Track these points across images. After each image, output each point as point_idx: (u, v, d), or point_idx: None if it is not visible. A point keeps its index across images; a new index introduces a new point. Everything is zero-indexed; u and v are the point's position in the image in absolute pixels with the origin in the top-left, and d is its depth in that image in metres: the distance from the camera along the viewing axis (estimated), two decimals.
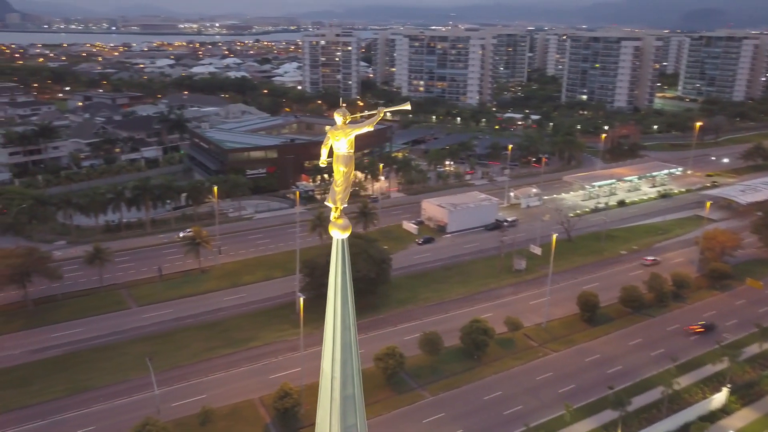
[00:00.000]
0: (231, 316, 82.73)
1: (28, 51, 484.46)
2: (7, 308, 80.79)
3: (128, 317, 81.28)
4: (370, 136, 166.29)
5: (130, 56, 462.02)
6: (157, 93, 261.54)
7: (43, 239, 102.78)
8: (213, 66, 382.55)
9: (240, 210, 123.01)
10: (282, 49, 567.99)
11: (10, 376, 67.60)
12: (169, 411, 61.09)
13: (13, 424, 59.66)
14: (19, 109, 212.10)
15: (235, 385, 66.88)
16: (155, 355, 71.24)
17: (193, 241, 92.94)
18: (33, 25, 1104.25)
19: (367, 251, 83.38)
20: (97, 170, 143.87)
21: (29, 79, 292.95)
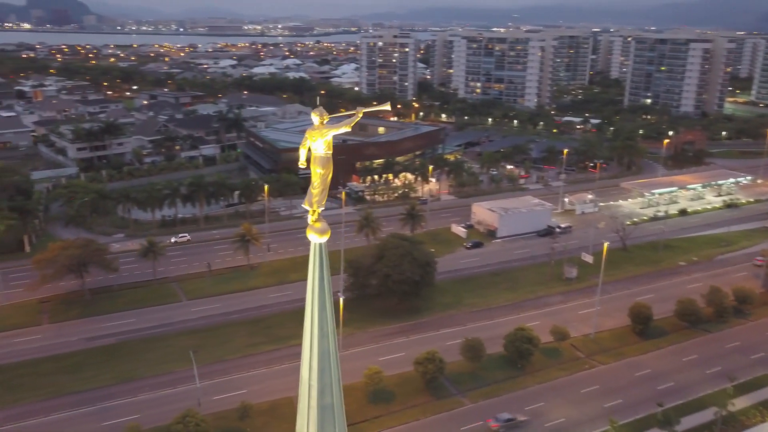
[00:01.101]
0: (275, 313, 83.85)
1: (101, 51, 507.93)
2: (66, 297, 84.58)
3: (177, 310, 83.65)
4: (422, 137, 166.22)
5: (195, 57, 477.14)
6: (218, 92, 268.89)
7: (103, 232, 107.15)
8: (273, 67, 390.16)
9: (291, 209, 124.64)
10: (341, 51, 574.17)
11: (66, 362, 70.69)
12: (210, 404, 62.35)
13: (65, 408, 62.31)
14: (90, 106, 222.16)
15: (275, 382, 67.61)
16: (200, 348, 72.94)
17: (243, 238, 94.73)
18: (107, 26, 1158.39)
19: (411, 253, 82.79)
20: (158, 167, 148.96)
21: (100, 78, 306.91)
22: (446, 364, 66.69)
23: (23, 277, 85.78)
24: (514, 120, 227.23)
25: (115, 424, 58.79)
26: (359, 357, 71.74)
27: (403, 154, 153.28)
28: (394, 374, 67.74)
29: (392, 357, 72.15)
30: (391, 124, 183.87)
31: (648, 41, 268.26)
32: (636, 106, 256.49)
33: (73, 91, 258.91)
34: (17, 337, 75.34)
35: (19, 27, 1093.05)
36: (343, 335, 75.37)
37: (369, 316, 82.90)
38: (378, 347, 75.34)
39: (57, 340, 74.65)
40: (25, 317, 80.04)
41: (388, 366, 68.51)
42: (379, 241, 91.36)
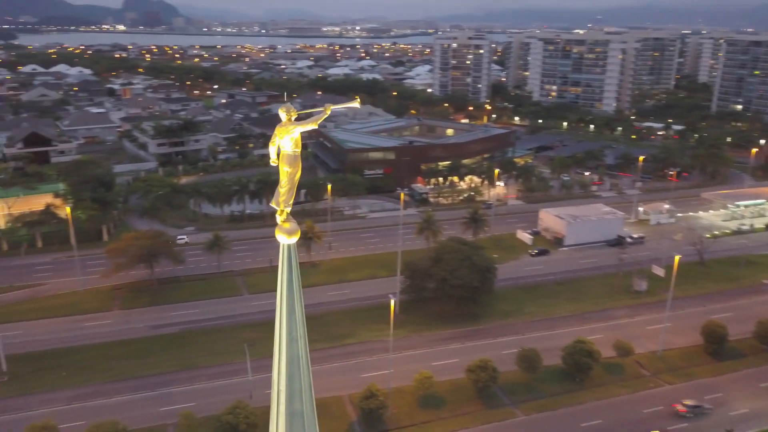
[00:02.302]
0: (332, 311, 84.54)
1: (187, 52, 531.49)
2: (136, 285, 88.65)
3: (239, 303, 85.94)
4: (491, 140, 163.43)
5: (274, 57, 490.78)
6: (293, 92, 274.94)
7: (175, 224, 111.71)
8: (349, 68, 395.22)
9: (355, 208, 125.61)
10: (417, 52, 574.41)
11: (132, 347, 74.03)
12: (262, 397, 63.30)
13: (127, 392, 65.25)
14: (172, 104, 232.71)
15: (327, 380, 68.03)
16: (257, 341, 74.42)
17: (305, 236, 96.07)
18: (194, 28, 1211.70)
19: (470, 258, 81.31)
20: (230, 163, 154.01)
21: (184, 77, 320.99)
22: (500, 374, 65.05)
23: (100, 264, 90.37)
24: (590, 125, 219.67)
25: (171, 410, 60.92)
26: (411, 360, 71.17)
27: (471, 156, 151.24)
28: (445, 380, 66.69)
29: (445, 362, 71.07)
30: (460, 126, 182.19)
31: (741, 44, 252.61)
32: (725, 112, 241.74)
33: (158, 90, 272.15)
34: (90, 321, 79.65)
35: (114, 29, 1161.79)
36: (396, 338, 74.88)
37: (424, 320, 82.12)
38: (431, 352, 74.44)
39: (125, 326, 78.37)
40: (99, 303, 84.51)
41: (441, 371, 67.56)
42: (437, 245, 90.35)
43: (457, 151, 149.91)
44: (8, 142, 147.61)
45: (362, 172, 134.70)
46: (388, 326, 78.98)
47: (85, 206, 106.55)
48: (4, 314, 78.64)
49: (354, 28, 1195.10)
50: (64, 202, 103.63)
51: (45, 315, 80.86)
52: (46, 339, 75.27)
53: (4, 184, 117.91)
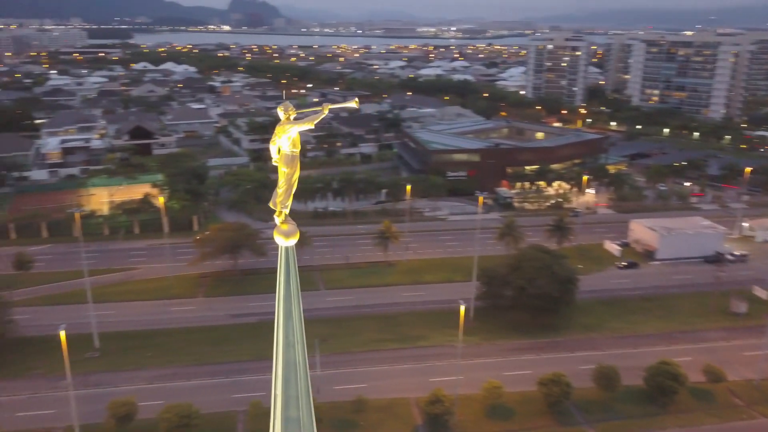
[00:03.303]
0: (406, 312, 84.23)
1: (284, 51, 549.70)
2: (220, 275, 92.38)
3: (315, 298, 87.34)
4: (583, 145, 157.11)
5: (368, 57, 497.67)
6: (384, 92, 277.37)
7: (261, 218, 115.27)
8: (441, 69, 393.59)
9: (435, 210, 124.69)
10: (512, 54, 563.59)
11: (211, 334, 77.17)
12: (330, 393, 64.04)
13: (204, 376, 68.03)
14: (268, 102, 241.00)
15: (396, 381, 67.84)
16: (330, 337, 75.52)
17: (383, 235, 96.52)
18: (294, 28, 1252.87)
19: (551, 267, 78.34)
20: (318, 161, 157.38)
21: (280, 76, 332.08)
22: (575, 390, 62.16)
23: (188, 252, 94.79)
24: (695, 132, 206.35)
25: (242, 398, 62.76)
26: (481, 368, 69.53)
27: (560, 161, 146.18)
28: (516, 391, 64.60)
29: (517, 373, 68.87)
30: (550, 130, 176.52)
31: None
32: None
33: (255, 88, 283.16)
34: (176, 306, 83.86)
35: (219, 29, 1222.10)
36: (467, 344, 73.61)
37: (499, 328, 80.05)
38: (504, 361, 72.42)
39: (207, 313, 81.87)
40: (185, 289, 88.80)
41: (512, 382, 65.50)
42: (517, 251, 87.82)
43: (546, 156, 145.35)
44: (116, 134, 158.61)
45: (445, 173, 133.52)
46: (458, 331, 77.96)
47: (179, 197, 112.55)
48: (101, 294, 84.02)
49: (449, 29, 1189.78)
50: (161, 192, 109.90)
51: (136, 297, 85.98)
52: (136, 320, 79.97)
53: (110, 173, 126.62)
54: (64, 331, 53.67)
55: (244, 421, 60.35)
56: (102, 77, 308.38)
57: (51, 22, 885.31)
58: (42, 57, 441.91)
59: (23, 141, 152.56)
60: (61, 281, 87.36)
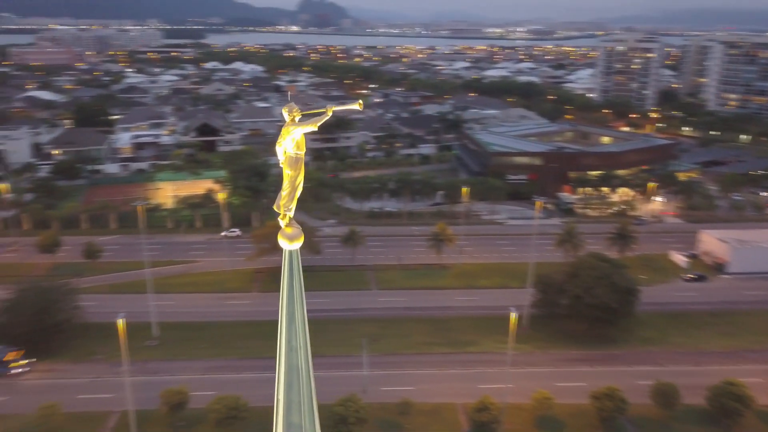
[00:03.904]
0: (457, 316, 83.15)
1: (350, 52, 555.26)
2: (275, 270, 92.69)
3: (367, 297, 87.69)
4: (651, 151, 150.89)
5: (432, 58, 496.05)
6: (447, 93, 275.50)
7: (319, 216, 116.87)
8: (506, 70, 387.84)
9: (493, 213, 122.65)
10: (580, 55, 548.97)
11: (263, 328, 77.99)
12: (376, 393, 63.99)
13: (253, 370, 69.22)
14: (331, 102, 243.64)
15: (443, 386, 67.04)
16: (379, 338, 75.75)
17: (437, 237, 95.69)
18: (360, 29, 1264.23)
19: (610, 277, 75.46)
20: (377, 161, 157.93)
21: (344, 76, 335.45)
22: (630, 406, 59.57)
23: (246, 248, 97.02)
24: None
25: None
26: (533, 377, 67.73)
27: (626, 167, 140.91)
28: (567, 403, 62.55)
29: (570, 385, 66.72)
30: (618, 134, 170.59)
31: None
32: None
33: (320, 87, 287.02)
34: (231, 300, 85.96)
35: (288, 29, 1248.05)
36: (519, 352, 72.01)
37: (553, 337, 77.81)
38: (556, 372, 70.28)
39: (260, 308, 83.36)
40: (241, 283, 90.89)
41: (563, 394, 63.49)
42: (576, 259, 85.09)
43: (612, 161, 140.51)
44: (184, 131, 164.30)
45: (505, 176, 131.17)
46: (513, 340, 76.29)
47: (240, 193, 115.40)
48: (162, 285, 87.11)
49: (517, 29, 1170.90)
50: (223, 188, 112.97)
51: (195, 289, 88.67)
52: (193, 312, 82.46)
53: (176, 169, 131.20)
54: (122, 320, 55.84)
55: None
56: (174, 76, 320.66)
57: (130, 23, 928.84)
58: (120, 56, 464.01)
59: (99, 136, 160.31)
60: (126, 271, 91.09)
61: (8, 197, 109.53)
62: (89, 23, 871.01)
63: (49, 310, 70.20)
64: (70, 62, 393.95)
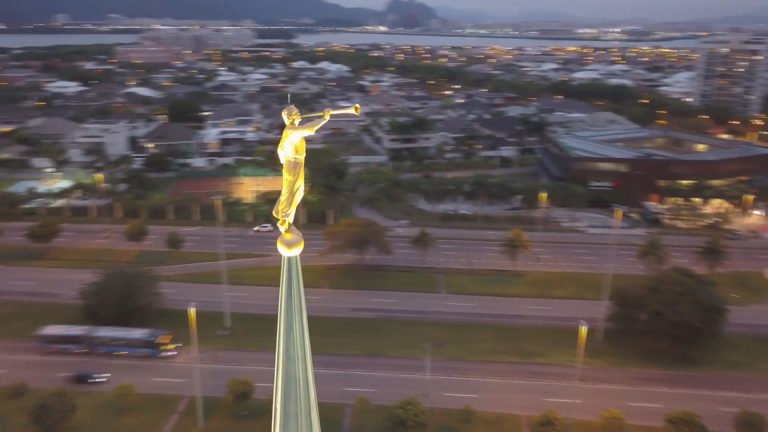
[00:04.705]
0: (528, 325, 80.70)
1: (436, 52, 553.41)
2: (346, 268, 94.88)
3: (435, 300, 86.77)
4: (752, 161, 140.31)
5: (520, 59, 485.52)
6: (532, 95, 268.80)
7: (392, 216, 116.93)
8: (597, 72, 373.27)
9: (573, 221, 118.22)
10: (680, 57, 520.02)
11: (331, 325, 79.38)
12: (438, 398, 63.14)
13: (318, 366, 69.37)
14: (413, 102, 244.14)
15: (508, 396, 65.17)
16: (445, 342, 74.83)
17: (511, 243, 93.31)
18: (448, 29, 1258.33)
19: (694, 294, 70.79)
20: (454, 162, 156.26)
21: (428, 76, 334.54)
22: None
23: (319, 244, 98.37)
24: None
25: (352, 392, 63.83)
26: (604, 395, 64.62)
27: (722, 177, 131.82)
28: (640, 425, 59.16)
29: (644, 405, 63.08)
30: (715, 142, 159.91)
31: None
32: None
33: (403, 88, 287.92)
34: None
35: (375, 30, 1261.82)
36: (590, 367, 69.13)
37: (630, 354, 73.87)
38: (630, 390, 66.61)
39: (330, 304, 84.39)
40: (313, 279, 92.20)
41: (636, 414, 60.13)
42: (658, 273, 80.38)
43: (706, 170, 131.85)
44: (268, 128, 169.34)
45: (587, 182, 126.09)
46: (585, 353, 73.00)
47: (317, 191, 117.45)
48: (237, 277, 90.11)
49: (612, 30, 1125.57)
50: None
51: (267, 282, 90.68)
52: (264, 304, 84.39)
53: (258, 165, 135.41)
54: (194, 309, 58.03)
55: (351, 415, 61.31)
56: (263, 74, 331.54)
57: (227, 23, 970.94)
58: (214, 55, 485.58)
59: (189, 131, 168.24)
60: (205, 261, 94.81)
61: (104, 187, 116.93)
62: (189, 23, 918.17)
63: (132, 294, 74.26)
64: (169, 61, 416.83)
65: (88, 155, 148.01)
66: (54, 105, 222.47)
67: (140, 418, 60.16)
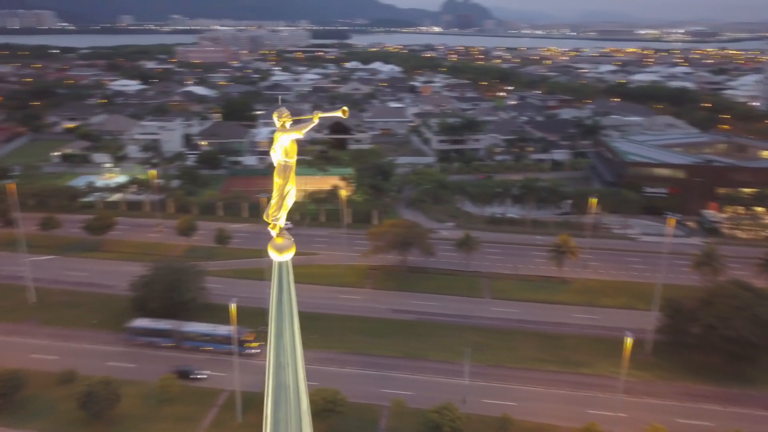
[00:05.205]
0: (572, 334, 78.48)
1: (490, 53, 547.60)
2: (388, 269, 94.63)
3: (477, 305, 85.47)
4: None
5: (576, 61, 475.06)
6: (587, 98, 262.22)
7: (437, 218, 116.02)
8: (657, 74, 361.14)
9: (626, 228, 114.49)
10: (748, 59, 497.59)
11: (371, 325, 79.41)
12: (476, 405, 62.13)
13: (356, 365, 70.20)
14: (464, 103, 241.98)
15: (549, 405, 63.54)
16: (485, 348, 73.76)
17: (559, 249, 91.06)
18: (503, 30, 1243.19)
19: (752, 308, 67.29)
20: (504, 165, 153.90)
21: (480, 77, 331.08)
22: None
23: (363, 244, 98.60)
24: None
25: (389, 394, 63.56)
26: (649, 409, 62.18)
27: None
28: None
29: (693, 423, 60.40)
30: None
31: None
32: None
33: (455, 89, 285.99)
34: (345, 294, 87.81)
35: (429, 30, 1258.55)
36: (639, 380, 66.82)
37: (679, 368, 70.86)
38: (678, 406, 63.85)
39: (370, 305, 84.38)
40: (355, 279, 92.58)
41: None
42: (713, 285, 76.81)
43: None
44: (318, 128, 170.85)
45: (641, 188, 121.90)
46: (632, 366, 70.36)
47: (363, 191, 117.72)
48: None
49: (675, 31, 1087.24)
50: (347, 185, 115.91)
51: (312, 281, 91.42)
52: (307, 302, 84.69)
53: (306, 164, 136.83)
54: (234, 305, 58.97)
55: (387, 417, 61.00)
56: (316, 74, 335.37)
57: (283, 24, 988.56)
58: (270, 55, 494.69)
59: (241, 129, 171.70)
60: (250, 258, 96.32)
61: (157, 182, 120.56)
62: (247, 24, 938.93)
63: (178, 288, 76.10)
64: (226, 60, 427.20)
65: (144, 151, 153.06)
66: (115, 102, 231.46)
67: (181, 410, 61.55)
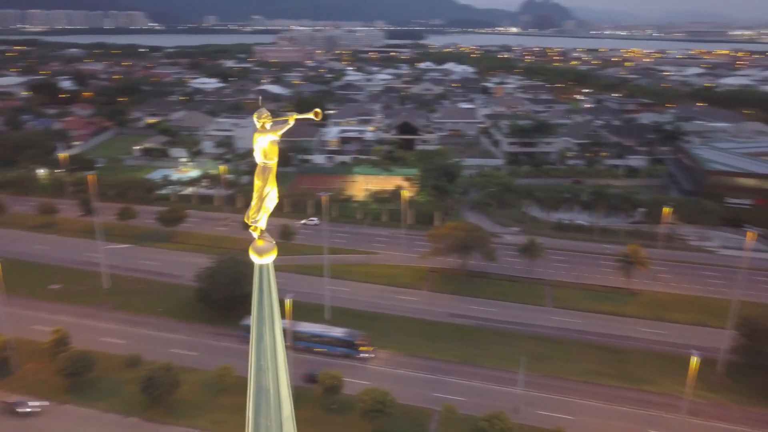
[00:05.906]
0: (637, 349, 74.94)
1: (568, 54, 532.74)
2: (448, 272, 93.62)
3: (538, 313, 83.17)
4: None
5: (660, 63, 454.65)
6: (670, 102, 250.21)
7: (501, 222, 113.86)
8: (749, 78, 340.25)
9: (704, 239, 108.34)
10: None
11: (427, 328, 78.80)
12: (530, 415, 60.48)
13: (410, 368, 69.81)
14: (537, 105, 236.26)
15: (606, 422, 61.00)
16: (543, 357, 71.68)
17: (628, 259, 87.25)
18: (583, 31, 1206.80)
19: None
20: (576, 170, 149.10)
21: (555, 79, 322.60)
22: None
23: (423, 246, 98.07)
24: None
25: (441, 398, 62.87)
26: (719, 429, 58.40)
27: None
28: None
29: None
30: None
31: None
32: None
33: (528, 90, 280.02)
34: (402, 295, 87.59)
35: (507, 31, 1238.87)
36: (709, 403, 63.26)
37: (755, 392, 66.27)
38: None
39: (428, 307, 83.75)
40: (413, 280, 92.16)
41: None
42: None
43: None
44: (386, 128, 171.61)
45: (722, 199, 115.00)
46: (701, 386, 66.60)
47: (427, 192, 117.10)
48: (342, 272, 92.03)
49: None
50: (411, 186, 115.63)
51: (370, 280, 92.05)
52: (365, 301, 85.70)
53: (372, 164, 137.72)
54: (290, 300, 59.94)
55: (437, 422, 60.34)
56: (388, 75, 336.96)
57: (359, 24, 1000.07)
58: (344, 55, 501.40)
59: (311, 128, 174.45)
60: (313, 254, 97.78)
61: (228, 178, 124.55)
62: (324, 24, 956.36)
63: (240, 281, 78.02)
64: (301, 60, 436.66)
65: (218, 147, 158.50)
66: (194, 100, 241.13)
67: (237, 399, 63.07)
